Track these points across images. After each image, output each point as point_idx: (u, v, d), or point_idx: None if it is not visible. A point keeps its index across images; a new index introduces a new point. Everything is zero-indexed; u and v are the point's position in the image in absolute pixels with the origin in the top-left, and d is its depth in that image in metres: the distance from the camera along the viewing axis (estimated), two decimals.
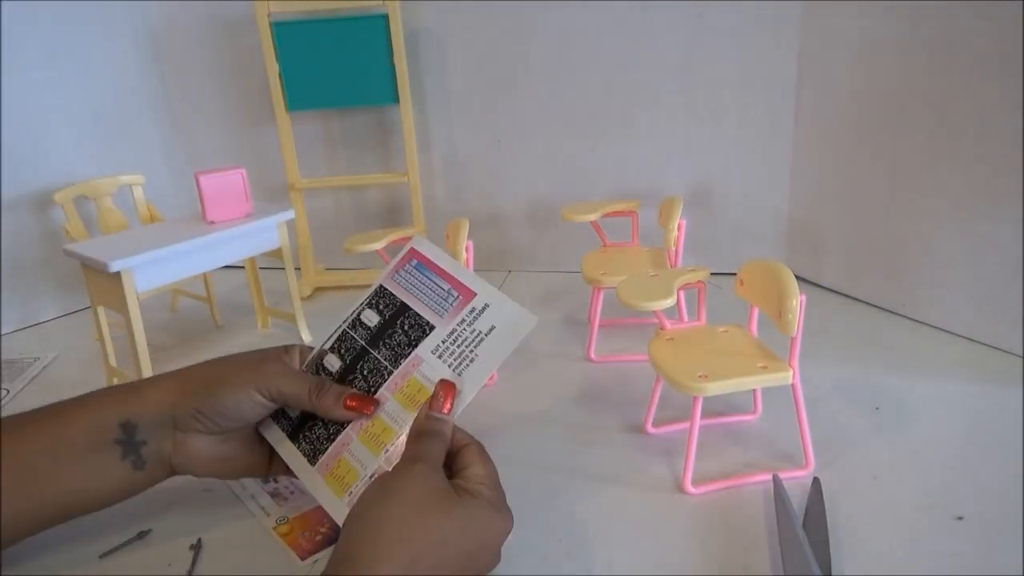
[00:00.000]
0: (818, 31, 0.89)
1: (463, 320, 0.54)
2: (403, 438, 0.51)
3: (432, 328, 0.54)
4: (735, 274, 0.63)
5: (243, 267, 0.93)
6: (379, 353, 0.56)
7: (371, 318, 0.57)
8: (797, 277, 0.56)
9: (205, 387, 0.52)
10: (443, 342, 0.53)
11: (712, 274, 0.66)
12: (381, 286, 0.59)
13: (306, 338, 0.91)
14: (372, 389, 0.54)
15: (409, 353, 0.54)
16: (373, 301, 0.58)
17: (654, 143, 1.00)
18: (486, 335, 0.53)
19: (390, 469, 0.47)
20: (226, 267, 0.83)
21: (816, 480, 0.56)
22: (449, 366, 0.52)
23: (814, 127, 0.93)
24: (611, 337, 0.85)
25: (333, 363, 0.57)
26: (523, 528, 0.54)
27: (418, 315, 0.56)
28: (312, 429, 0.55)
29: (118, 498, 0.53)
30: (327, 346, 0.58)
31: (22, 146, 0.97)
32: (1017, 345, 0.75)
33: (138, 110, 1.11)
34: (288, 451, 0.55)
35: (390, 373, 0.54)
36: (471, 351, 0.52)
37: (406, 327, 0.56)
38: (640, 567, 0.50)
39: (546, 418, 0.70)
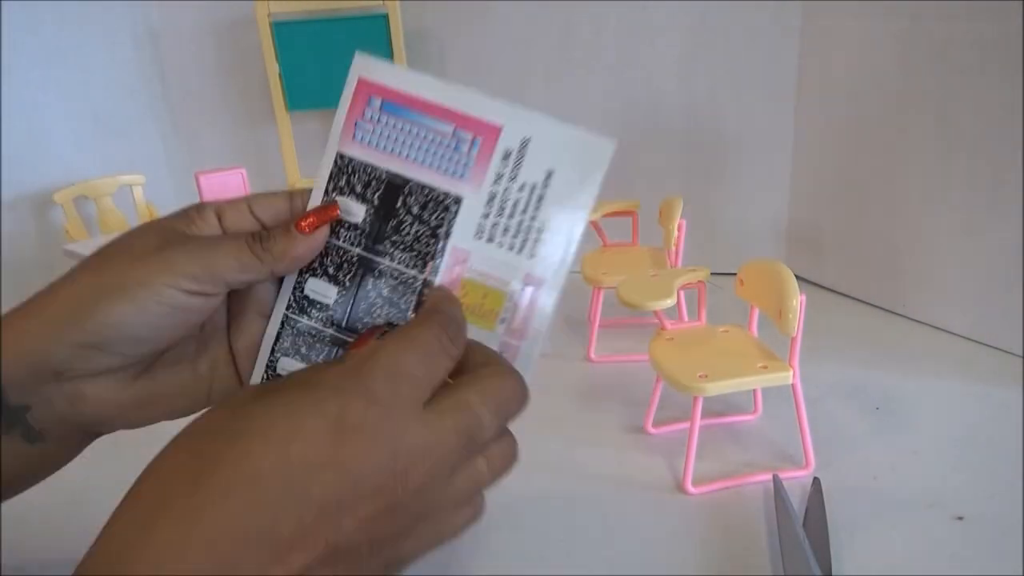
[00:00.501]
0: (818, 31, 0.89)
1: (499, 176, 0.35)
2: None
3: (459, 200, 0.36)
4: (735, 274, 0.63)
5: None
6: (392, 260, 0.37)
7: (354, 210, 0.37)
8: (797, 277, 0.56)
9: (80, 310, 0.33)
10: (485, 217, 0.36)
11: (712, 274, 0.66)
12: (341, 155, 0.37)
13: None
14: (403, 316, 0.37)
15: (440, 247, 0.36)
16: (341, 183, 0.37)
17: (654, 143, 1.00)
18: (544, 187, 0.35)
19: None
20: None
21: (816, 480, 0.56)
22: (511, 248, 0.36)
23: (814, 127, 0.93)
24: (611, 337, 0.85)
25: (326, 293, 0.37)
26: (523, 528, 0.54)
27: (425, 186, 0.36)
28: None
29: (32, 480, 0.37)
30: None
31: (22, 146, 0.97)
32: (1017, 345, 0.75)
33: (138, 110, 1.11)
34: None
35: (426, 284, 0.37)
36: (532, 218, 0.35)
37: (415, 209, 0.36)
38: (640, 567, 0.50)
39: (546, 418, 0.70)
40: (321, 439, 0.26)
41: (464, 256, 0.36)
